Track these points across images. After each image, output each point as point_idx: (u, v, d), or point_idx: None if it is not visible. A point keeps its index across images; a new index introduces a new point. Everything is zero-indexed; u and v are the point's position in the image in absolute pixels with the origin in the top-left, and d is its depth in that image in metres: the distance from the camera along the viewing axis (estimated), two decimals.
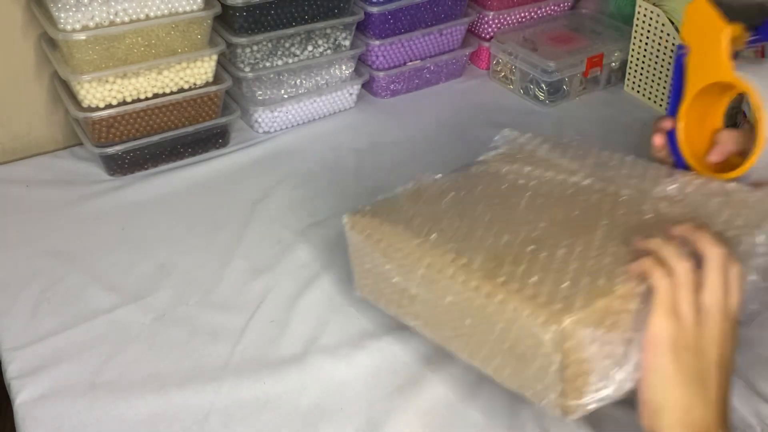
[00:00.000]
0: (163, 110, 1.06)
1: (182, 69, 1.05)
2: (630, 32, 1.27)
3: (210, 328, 0.83)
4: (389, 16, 1.20)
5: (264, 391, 0.76)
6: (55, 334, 0.81)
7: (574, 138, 0.85)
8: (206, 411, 0.73)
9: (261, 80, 1.14)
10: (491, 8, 1.32)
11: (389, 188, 1.03)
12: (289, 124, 1.20)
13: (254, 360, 0.79)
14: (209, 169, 1.10)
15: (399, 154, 1.14)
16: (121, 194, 1.04)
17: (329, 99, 1.22)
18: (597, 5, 1.43)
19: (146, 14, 0.99)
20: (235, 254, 0.93)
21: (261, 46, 1.11)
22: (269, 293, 0.87)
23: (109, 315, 0.84)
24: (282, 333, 0.82)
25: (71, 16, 0.94)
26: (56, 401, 0.74)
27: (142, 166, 1.08)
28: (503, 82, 1.34)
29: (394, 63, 1.27)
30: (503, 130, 0.88)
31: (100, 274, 0.90)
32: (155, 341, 0.81)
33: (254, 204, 1.02)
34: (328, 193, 1.05)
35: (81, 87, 0.99)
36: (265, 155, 1.13)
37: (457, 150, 1.15)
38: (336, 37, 1.17)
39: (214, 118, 1.11)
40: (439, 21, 1.26)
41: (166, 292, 0.87)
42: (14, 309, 0.85)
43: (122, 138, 1.05)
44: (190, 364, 0.79)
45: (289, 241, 0.96)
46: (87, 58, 0.97)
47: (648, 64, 1.26)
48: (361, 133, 1.20)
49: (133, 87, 1.03)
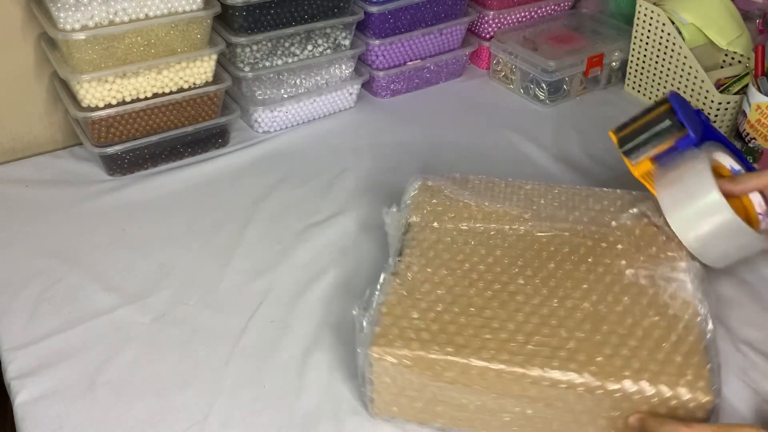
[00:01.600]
0: (162, 110, 1.06)
1: (182, 69, 1.05)
2: (630, 32, 1.27)
3: (210, 328, 0.83)
4: (389, 15, 1.20)
5: (263, 391, 0.76)
6: (55, 334, 0.81)
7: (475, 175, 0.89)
8: (206, 411, 0.73)
9: (261, 80, 1.14)
10: (491, 8, 1.32)
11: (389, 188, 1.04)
12: (288, 124, 1.20)
13: (254, 360, 0.79)
14: (209, 169, 1.09)
15: (399, 154, 1.13)
16: (121, 194, 1.04)
17: (329, 99, 1.22)
18: (597, 5, 1.43)
19: (146, 14, 0.99)
20: (235, 254, 0.93)
21: (261, 45, 1.11)
22: (269, 293, 0.87)
23: (109, 315, 0.84)
24: (282, 333, 0.82)
25: (71, 16, 0.94)
26: (56, 401, 0.74)
27: (142, 166, 1.08)
28: (503, 81, 1.34)
29: (394, 63, 1.27)
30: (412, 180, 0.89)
31: (100, 274, 0.90)
32: (155, 341, 0.81)
33: (254, 204, 1.02)
34: (328, 193, 1.05)
35: (80, 87, 0.99)
36: (265, 155, 1.13)
37: (457, 150, 1.15)
38: (336, 36, 1.17)
39: (214, 117, 1.11)
40: (439, 21, 1.26)
41: (166, 292, 0.87)
42: (14, 309, 0.85)
43: (122, 138, 1.05)
44: (190, 364, 0.78)
45: (289, 241, 0.95)
46: (86, 57, 0.97)
47: (648, 63, 1.25)
48: (361, 133, 1.20)
49: (133, 87, 1.02)
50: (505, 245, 0.79)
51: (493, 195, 0.86)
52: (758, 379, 0.77)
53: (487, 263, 0.76)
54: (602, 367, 0.64)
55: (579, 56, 1.25)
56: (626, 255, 0.76)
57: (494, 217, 0.82)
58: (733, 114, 1.15)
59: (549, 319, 0.69)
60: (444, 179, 0.88)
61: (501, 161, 1.12)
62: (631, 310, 0.70)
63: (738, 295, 0.88)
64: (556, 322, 0.69)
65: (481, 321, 0.69)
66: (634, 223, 0.80)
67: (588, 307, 0.70)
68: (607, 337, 0.67)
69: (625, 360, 0.65)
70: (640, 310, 0.70)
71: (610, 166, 1.11)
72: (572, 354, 0.66)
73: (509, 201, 0.84)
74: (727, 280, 0.90)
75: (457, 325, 0.68)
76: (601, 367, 0.64)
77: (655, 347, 0.66)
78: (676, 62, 1.20)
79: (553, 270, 0.75)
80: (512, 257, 0.77)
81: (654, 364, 0.64)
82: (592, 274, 0.74)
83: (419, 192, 0.86)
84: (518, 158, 1.13)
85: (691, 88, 1.18)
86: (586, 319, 0.69)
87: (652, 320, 0.68)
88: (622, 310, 0.70)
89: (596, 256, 0.76)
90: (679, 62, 1.19)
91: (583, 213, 0.82)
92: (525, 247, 0.78)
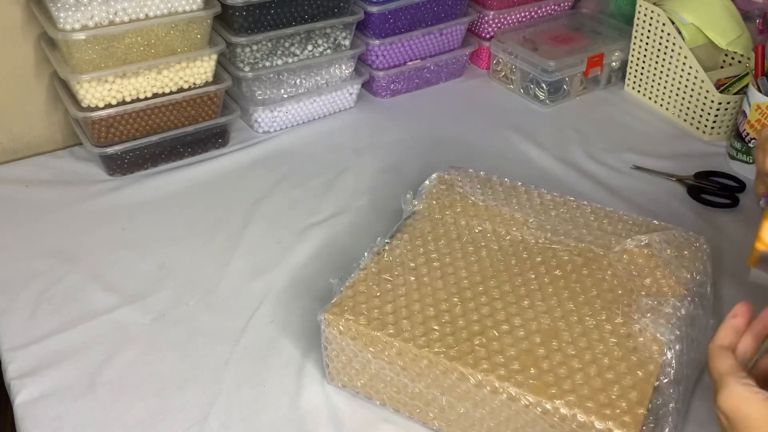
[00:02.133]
0: (162, 110, 1.06)
1: (182, 69, 1.05)
2: (630, 32, 1.27)
3: (210, 328, 0.83)
4: (389, 15, 1.20)
5: (263, 391, 0.76)
6: (54, 334, 0.81)
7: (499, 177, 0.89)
8: (206, 411, 0.73)
9: (261, 80, 1.14)
10: (491, 8, 1.32)
11: (389, 188, 1.04)
12: (288, 124, 1.20)
13: (254, 360, 0.79)
14: (209, 169, 1.09)
15: (399, 154, 1.13)
16: (121, 194, 1.03)
17: (329, 99, 1.21)
18: (597, 5, 1.43)
19: (146, 14, 0.99)
20: (235, 254, 0.93)
21: (261, 45, 1.11)
22: (269, 293, 0.87)
23: (109, 315, 0.84)
24: (282, 333, 0.82)
25: (71, 16, 0.94)
26: (56, 401, 0.74)
27: (142, 166, 1.08)
28: (503, 81, 1.34)
29: (394, 63, 1.27)
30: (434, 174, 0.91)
31: (99, 274, 0.90)
32: (155, 341, 0.81)
33: (254, 204, 1.02)
34: (328, 193, 1.05)
35: (80, 87, 0.99)
36: (264, 155, 1.13)
37: (457, 150, 1.15)
38: (336, 36, 1.17)
39: (214, 117, 1.11)
40: (439, 21, 1.26)
41: (166, 292, 0.87)
42: (14, 309, 0.85)
43: (122, 138, 1.05)
44: (190, 364, 0.78)
45: (289, 241, 0.95)
46: (86, 57, 0.97)
47: (648, 63, 1.25)
48: (361, 133, 1.20)
49: (133, 87, 1.02)
50: (495, 248, 0.79)
51: (507, 198, 0.86)
52: None
53: (468, 261, 0.77)
54: (532, 379, 0.64)
55: (579, 56, 1.25)
56: (614, 280, 0.75)
57: (498, 220, 0.83)
58: (733, 114, 1.15)
59: (501, 324, 0.70)
60: (465, 175, 0.90)
61: (501, 161, 1.12)
62: (591, 333, 0.69)
63: (738, 296, 0.88)
64: (507, 328, 0.69)
65: (434, 312, 0.71)
66: (639, 251, 0.78)
67: (547, 321, 0.70)
68: (552, 354, 0.67)
69: (558, 378, 0.64)
70: (600, 335, 0.69)
71: (610, 166, 1.11)
72: (508, 361, 0.66)
73: (521, 207, 0.84)
74: (727, 280, 0.90)
75: (410, 311, 0.71)
76: (530, 379, 0.64)
77: (596, 373, 0.65)
78: (676, 62, 1.20)
79: (530, 280, 0.75)
80: (496, 261, 0.77)
81: (586, 389, 0.63)
82: (567, 291, 0.74)
83: (434, 183, 0.89)
84: (518, 158, 1.13)
85: (691, 88, 1.18)
86: (539, 331, 0.69)
87: (608, 347, 0.67)
88: (581, 331, 0.69)
89: (580, 275, 0.76)
90: (679, 62, 1.19)
91: (590, 231, 0.81)
92: (513, 254, 0.78)
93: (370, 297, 0.72)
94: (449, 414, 0.68)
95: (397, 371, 0.69)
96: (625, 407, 0.62)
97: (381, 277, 0.75)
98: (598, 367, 0.65)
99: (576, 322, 0.70)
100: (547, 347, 0.67)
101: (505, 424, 0.66)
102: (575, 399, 0.62)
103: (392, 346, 0.68)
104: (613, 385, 0.64)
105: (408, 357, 0.67)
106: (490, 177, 0.90)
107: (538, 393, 0.63)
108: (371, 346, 0.69)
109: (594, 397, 0.63)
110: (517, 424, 0.65)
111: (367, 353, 0.69)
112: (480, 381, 0.65)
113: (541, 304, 0.72)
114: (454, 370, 0.65)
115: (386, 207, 1.00)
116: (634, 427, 0.60)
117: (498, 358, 0.66)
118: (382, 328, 0.69)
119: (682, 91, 1.20)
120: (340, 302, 0.72)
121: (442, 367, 0.66)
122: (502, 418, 0.65)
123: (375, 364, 0.70)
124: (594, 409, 0.62)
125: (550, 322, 0.70)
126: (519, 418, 0.64)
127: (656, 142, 1.18)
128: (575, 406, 0.62)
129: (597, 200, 0.90)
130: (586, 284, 0.75)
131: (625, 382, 0.64)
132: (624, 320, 0.70)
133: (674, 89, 1.22)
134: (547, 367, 0.65)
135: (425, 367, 0.67)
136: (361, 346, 0.70)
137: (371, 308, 0.71)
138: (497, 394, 0.64)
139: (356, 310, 0.71)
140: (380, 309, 0.71)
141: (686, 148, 1.16)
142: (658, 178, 1.09)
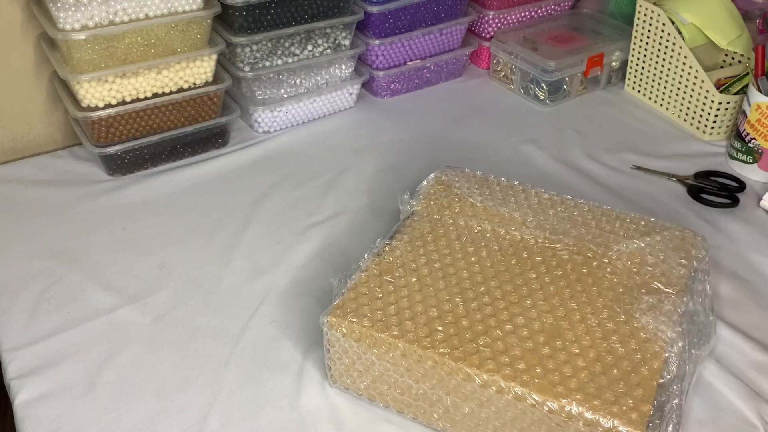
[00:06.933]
0: (162, 110, 1.06)
1: (182, 69, 1.05)
2: (630, 32, 1.27)
3: (210, 328, 0.83)
4: (389, 15, 1.20)
5: (263, 391, 0.75)
6: (54, 334, 0.81)
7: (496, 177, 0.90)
8: (206, 411, 0.73)
9: (261, 80, 1.14)
10: (491, 8, 1.32)
11: (390, 188, 1.04)
12: (288, 124, 1.20)
13: (254, 360, 0.79)
14: (209, 169, 1.09)
15: (399, 154, 1.13)
16: (121, 194, 1.03)
17: (329, 99, 1.21)
18: (597, 5, 1.43)
19: (146, 14, 0.99)
20: (235, 254, 0.93)
21: (261, 45, 1.11)
22: (269, 293, 0.87)
23: (109, 315, 0.84)
24: (282, 333, 0.82)
25: (71, 16, 0.94)
26: (56, 401, 0.74)
27: (142, 166, 1.08)
28: (503, 81, 1.34)
29: (394, 63, 1.27)
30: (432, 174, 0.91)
31: (100, 274, 0.90)
32: (155, 341, 0.81)
33: (254, 204, 1.02)
34: (328, 193, 1.05)
35: (80, 87, 0.99)
36: (264, 155, 1.13)
37: (457, 150, 1.15)
38: (336, 36, 1.17)
39: (214, 117, 1.11)
40: (439, 21, 1.26)
41: (166, 292, 0.87)
42: (14, 309, 0.85)
43: (122, 138, 1.05)
44: (190, 364, 0.78)
45: (289, 241, 0.95)
46: (86, 57, 0.97)
47: (648, 63, 1.25)
48: (361, 133, 1.20)
49: (133, 87, 1.02)
50: (495, 248, 0.79)
51: (504, 198, 0.86)
52: (758, 379, 0.77)
53: (468, 262, 0.77)
54: (537, 378, 0.64)
55: (579, 56, 1.25)
56: (614, 278, 0.75)
57: (496, 220, 0.83)
58: (733, 114, 1.15)
59: (504, 324, 0.69)
60: (462, 175, 0.90)
61: (501, 161, 1.12)
62: (594, 331, 0.69)
63: (738, 295, 0.88)
64: (511, 328, 0.69)
65: (437, 313, 0.71)
66: (639, 250, 0.78)
67: (550, 320, 0.70)
68: (556, 353, 0.67)
69: (564, 377, 0.64)
70: (603, 334, 0.69)
71: (610, 166, 1.11)
72: (513, 360, 0.66)
73: (519, 206, 0.84)
74: (727, 280, 0.90)
75: (413, 312, 0.71)
76: (535, 378, 0.64)
77: (601, 371, 0.65)
78: (676, 62, 1.20)
79: (531, 279, 0.75)
80: (496, 261, 0.77)
81: (592, 387, 0.63)
82: (568, 290, 0.74)
83: (432, 183, 0.89)
84: (518, 158, 1.13)
85: (691, 88, 1.18)
86: (543, 331, 0.69)
87: (611, 345, 0.67)
88: (584, 330, 0.69)
89: (581, 274, 0.76)
90: (679, 62, 1.19)
91: (588, 230, 0.81)
92: (513, 253, 0.78)
93: (373, 298, 0.72)
94: (454, 414, 0.68)
95: (401, 372, 0.69)
96: (632, 405, 0.62)
97: (382, 279, 0.75)
98: (602, 365, 0.66)
99: (578, 321, 0.70)
100: (551, 346, 0.67)
101: (511, 423, 0.66)
102: (582, 397, 0.62)
103: (397, 348, 0.68)
104: (619, 382, 0.64)
105: (413, 358, 0.67)
106: (488, 176, 0.90)
107: (544, 392, 0.63)
108: (375, 348, 0.69)
109: (600, 395, 0.63)
110: (523, 424, 0.65)
111: (371, 355, 0.69)
112: (486, 381, 0.65)
113: (543, 303, 0.72)
114: (460, 371, 0.65)
115: (386, 207, 1.00)
116: (641, 424, 0.60)
117: (503, 357, 0.66)
118: (386, 330, 0.69)
119: (682, 91, 1.20)
120: (343, 304, 0.72)
121: (448, 367, 0.66)
122: (508, 417, 0.65)
123: (379, 366, 0.70)
124: (601, 407, 0.62)
125: (552, 321, 0.70)
126: (525, 417, 0.64)
127: (656, 142, 1.18)
128: (582, 404, 0.62)
129: (597, 200, 0.90)
130: (586, 283, 0.75)
131: (630, 380, 0.64)
132: (626, 318, 0.70)
133: (674, 89, 1.22)
134: (552, 366, 0.65)
135: (430, 368, 0.67)
136: (364, 348, 0.69)
137: (374, 310, 0.71)
138: (503, 394, 0.64)
139: (359, 312, 0.71)
140: (383, 310, 0.71)
141: (686, 148, 1.16)
142: (658, 178, 1.09)
